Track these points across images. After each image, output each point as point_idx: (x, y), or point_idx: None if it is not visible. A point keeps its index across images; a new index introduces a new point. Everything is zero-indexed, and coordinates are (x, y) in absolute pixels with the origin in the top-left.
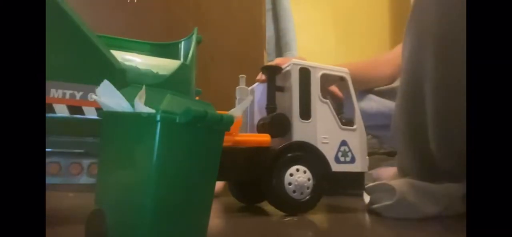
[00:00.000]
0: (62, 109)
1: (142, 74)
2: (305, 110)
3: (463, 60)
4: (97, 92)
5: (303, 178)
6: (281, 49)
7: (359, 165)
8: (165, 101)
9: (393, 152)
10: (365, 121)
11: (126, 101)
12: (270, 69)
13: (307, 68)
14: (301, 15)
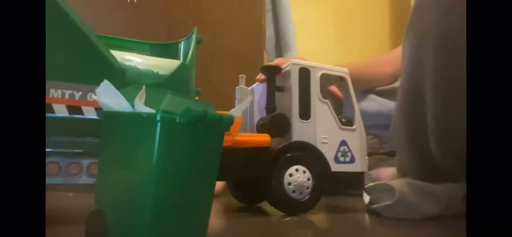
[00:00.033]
0: (61, 109)
1: (142, 74)
2: (305, 110)
3: (463, 61)
4: (97, 92)
5: (303, 178)
6: (281, 49)
7: (359, 165)
8: (165, 101)
9: (393, 152)
10: (366, 121)
11: (126, 101)
12: (270, 69)
13: (307, 68)
14: (301, 15)
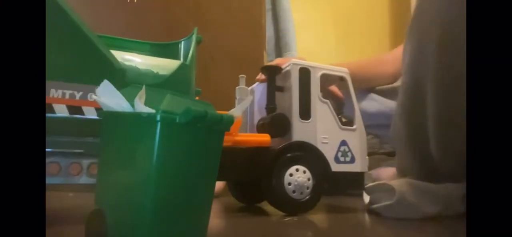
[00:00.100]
0: (62, 109)
1: (142, 74)
2: (305, 110)
3: (464, 61)
4: (97, 92)
5: (303, 178)
6: (281, 49)
7: (359, 165)
8: (165, 101)
9: (393, 152)
10: (366, 121)
11: (126, 101)
12: (270, 69)
13: (307, 68)
14: (301, 15)
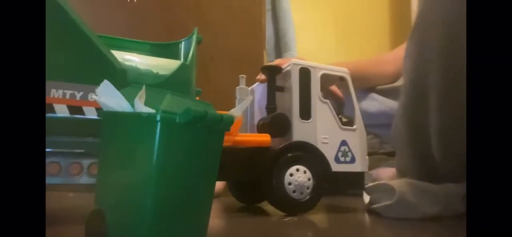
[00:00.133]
0: (63, 109)
1: (142, 74)
2: (305, 110)
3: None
4: (97, 92)
5: (303, 178)
6: (281, 50)
7: (359, 165)
8: (165, 101)
9: (393, 152)
10: (366, 121)
11: (126, 101)
12: (270, 69)
13: (307, 68)
14: (301, 15)
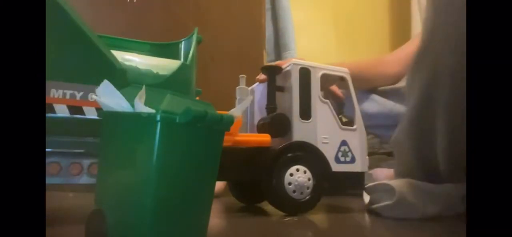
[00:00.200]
0: (63, 109)
1: (142, 74)
2: (305, 110)
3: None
4: (97, 92)
5: (303, 178)
6: (280, 49)
7: (359, 165)
8: (165, 101)
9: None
10: (367, 122)
11: (126, 101)
12: (270, 69)
13: (307, 68)
14: (301, 15)
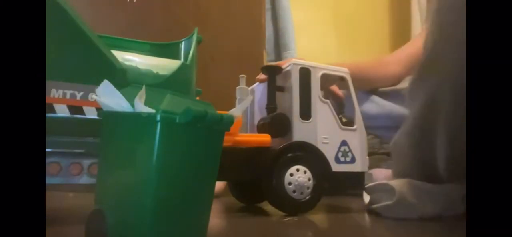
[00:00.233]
0: (63, 109)
1: (142, 74)
2: (306, 110)
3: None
4: (97, 92)
5: (303, 178)
6: (280, 49)
7: (359, 165)
8: (165, 101)
9: None
10: (367, 123)
11: (126, 101)
12: (270, 69)
13: (307, 68)
14: (301, 15)
